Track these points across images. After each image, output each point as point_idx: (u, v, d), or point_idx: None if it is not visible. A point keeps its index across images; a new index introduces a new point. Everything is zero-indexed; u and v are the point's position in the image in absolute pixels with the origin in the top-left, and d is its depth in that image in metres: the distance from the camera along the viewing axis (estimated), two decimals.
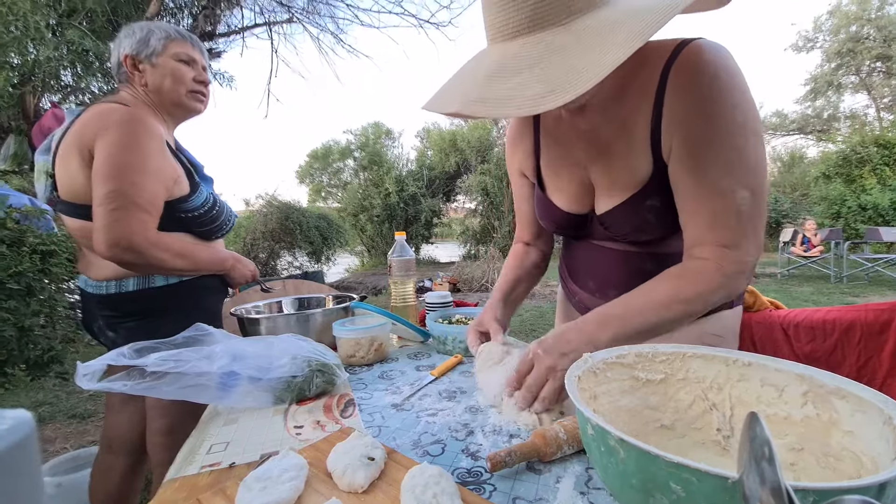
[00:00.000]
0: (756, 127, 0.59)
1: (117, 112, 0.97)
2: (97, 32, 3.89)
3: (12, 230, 1.64)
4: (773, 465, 0.22)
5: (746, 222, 0.59)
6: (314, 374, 0.73)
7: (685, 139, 0.60)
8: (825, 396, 0.41)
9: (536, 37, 0.52)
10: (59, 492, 1.44)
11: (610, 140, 0.68)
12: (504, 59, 0.52)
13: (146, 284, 1.03)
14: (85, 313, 1.11)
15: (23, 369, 1.52)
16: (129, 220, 0.92)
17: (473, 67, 0.57)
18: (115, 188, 0.91)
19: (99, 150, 0.93)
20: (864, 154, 10.32)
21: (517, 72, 0.50)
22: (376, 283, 8.02)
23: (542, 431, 0.51)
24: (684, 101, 0.60)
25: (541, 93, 0.47)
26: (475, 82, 0.53)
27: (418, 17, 5.93)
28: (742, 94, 0.58)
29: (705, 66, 0.58)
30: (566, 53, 0.49)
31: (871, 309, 0.89)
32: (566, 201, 0.78)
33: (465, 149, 12.45)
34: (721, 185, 0.59)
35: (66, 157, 0.98)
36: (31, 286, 1.56)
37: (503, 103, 0.49)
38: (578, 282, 0.86)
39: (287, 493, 0.43)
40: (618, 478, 0.35)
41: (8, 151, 3.69)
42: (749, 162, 0.58)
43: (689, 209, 0.62)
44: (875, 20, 15.20)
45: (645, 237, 0.71)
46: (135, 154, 0.94)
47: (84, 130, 0.96)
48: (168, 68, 1.05)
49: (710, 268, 0.60)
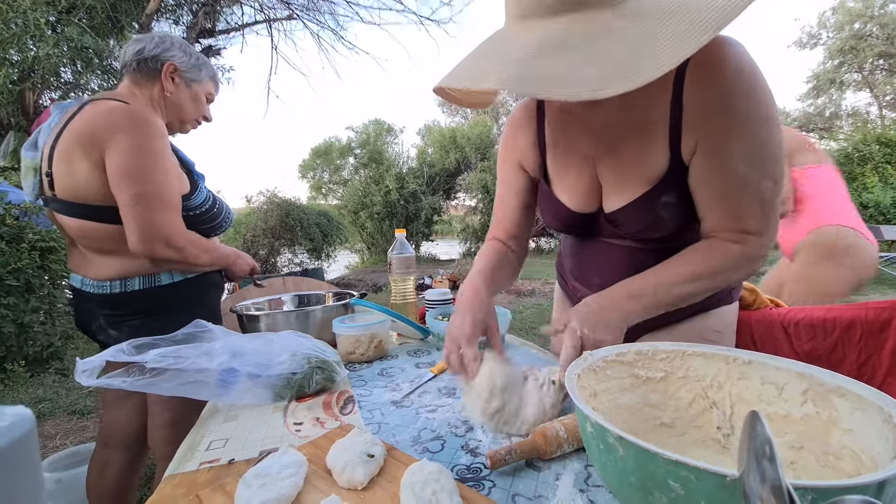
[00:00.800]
0: (776, 117, 0.59)
1: (125, 112, 0.97)
2: (96, 29, 3.88)
3: (11, 227, 1.65)
4: (774, 463, 0.22)
5: (770, 211, 0.61)
6: (314, 370, 0.73)
7: (710, 134, 0.60)
8: (825, 395, 0.41)
9: (578, 16, 0.49)
10: (58, 488, 1.45)
11: (623, 135, 0.67)
12: (546, 37, 0.49)
13: (152, 283, 1.03)
14: (81, 313, 1.09)
15: (22, 365, 1.53)
16: (165, 219, 0.96)
17: (505, 44, 0.53)
18: (142, 190, 0.94)
19: (115, 152, 0.94)
20: (866, 152, 10.29)
21: (563, 50, 0.47)
22: (376, 280, 8.02)
23: (542, 430, 0.51)
24: (707, 94, 0.59)
25: (600, 75, 0.44)
26: (514, 58, 0.49)
27: (419, 14, 5.91)
28: (763, 87, 0.58)
29: (728, 60, 0.57)
30: (620, 36, 0.46)
31: (871, 307, 0.89)
32: (575, 200, 0.75)
33: (465, 146, 12.43)
34: (748, 178, 0.59)
35: (68, 156, 0.95)
36: (31, 282, 1.56)
37: (560, 83, 0.45)
38: (581, 279, 0.84)
39: (286, 490, 0.43)
40: (617, 475, 0.35)
41: (7, 148, 3.69)
42: (772, 153, 0.59)
43: (714, 201, 0.62)
44: (878, 17, 15.13)
45: (656, 234, 0.69)
46: (152, 155, 0.97)
47: (90, 130, 0.95)
48: (198, 96, 1.16)
49: (735, 249, 0.62)
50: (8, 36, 3.19)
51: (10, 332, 1.47)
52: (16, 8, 3.18)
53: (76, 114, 0.99)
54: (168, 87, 1.09)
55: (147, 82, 1.08)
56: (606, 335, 0.57)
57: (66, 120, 0.99)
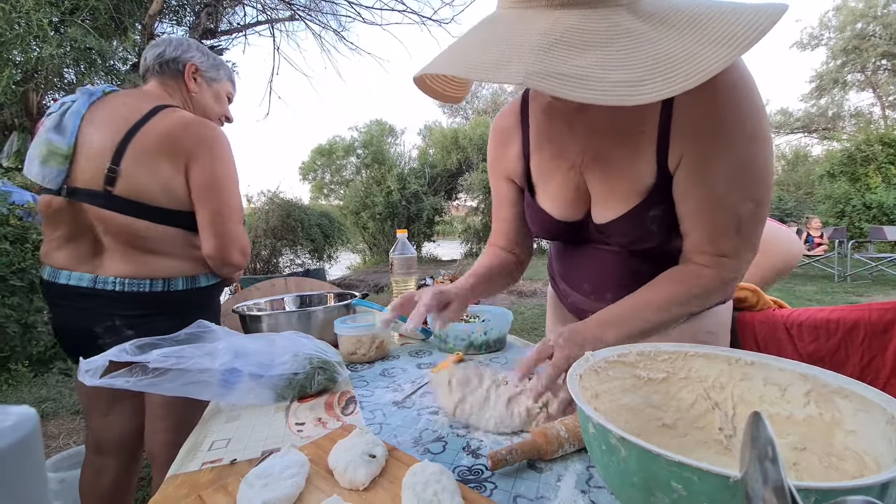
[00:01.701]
0: (766, 135, 0.58)
1: (205, 125, 1.05)
2: (100, 30, 3.90)
3: (15, 227, 1.65)
4: (777, 464, 0.22)
5: (747, 233, 0.60)
6: (316, 371, 0.73)
7: (695, 150, 0.59)
8: (828, 396, 0.41)
9: (594, 13, 0.46)
10: (62, 487, 1.45)
11: (611, 145, 0.65)
12: (561, 30, 0.45)
13: (193, 284, 1.08)
14: (87, 314, 1.02)
15: (26, 365, 1.53)
16: (239, 229, 1.08)
17: (513, 31, 0.48)
18: (226, 201, 1.04)
19: (202, 165, 1.01)
20: (869, 152, 10.26)
21: (583, 48, 0.44)
22: (378, 280, 8.03)
23: (542, 430, 0.51)
24: (696, 108, 0.57)
25: (630, 80, 0.41)
26: (530, 49, 0.44)
27: (420, 14, 5.91)
28: (754, 103, 0.56)
29: (722, 73, 0.56)
30: (642, 39, 0.44)
31: (874, 308, 0.88)
32: (559, 208, 0.73)
33: (466, 146, 12.45)
34: (727, 199, 0.58)
35: (150, 159, 0.98)
36: (34, 283, 1.57)
37: (583, 84, 0.42)
38: (572, 284, 0.83)
39: (288, 490, 0.43)
40: (619, 476, 0.35)
41: (11, 149, 3.71)
42: (757, 174, 0.58)
43: (693, 220, 0.62)
44: (881, 17, 15.08)
45: (646, 245, 0.69)
46: (231, 168, 1.07)
47: (175, 139, 0.99)
48: (219, 95, 1.22)
49: (709, 274, 0.61)
50: (11, 37, 3.20)
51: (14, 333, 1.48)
52: (19, 9, 3.19)
53: (149, 117, 0.99)
54: (192, 87, 1.14)
55: (173, 83, 1.12)
56: (577, 352, 0.56)
57: (137, 122, 0.98)
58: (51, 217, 1.02)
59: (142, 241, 1.00)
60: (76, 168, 0.98)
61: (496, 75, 0.45)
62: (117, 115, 1.00)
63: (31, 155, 0.99)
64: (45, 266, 1.04)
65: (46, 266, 1.04)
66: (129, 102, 1.03)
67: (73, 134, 0.98)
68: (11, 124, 3.94)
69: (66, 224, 1.01)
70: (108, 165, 0.96)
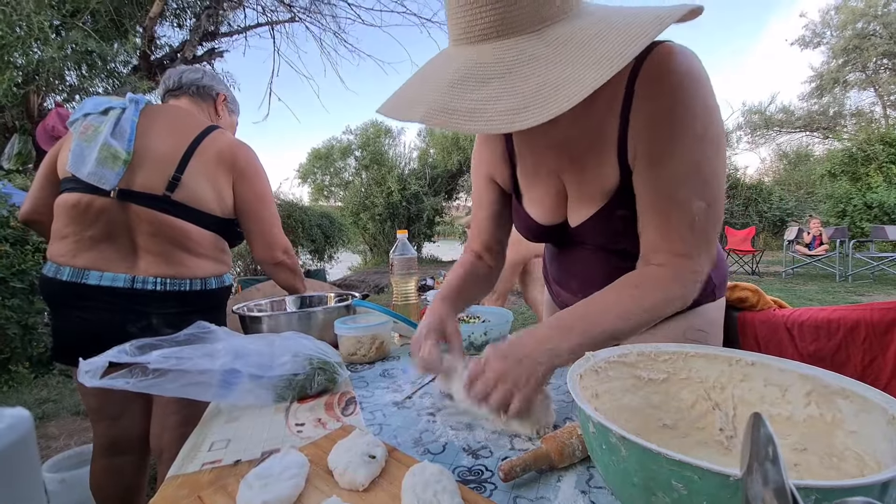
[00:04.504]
0: (716, 137, 0.58)
1: (251, 151, 1.20)
2: (100, 33, 3.91)
3: (16, 229, 1.66)
4: (777, 465, 0.21)
5: (700, 233, 0.60)
6: (316, 371, 0.73)
7: (646, 148, 0.60)
8: (829, 396, 0.41)
9: (506, 42, 0.48)
10: (62, 488, 1.45)
11: (582, 149, 0.67)
12: (471, 65, 0.49)
13: (220, 284, 1.17)
14: (120, 313, 1.02)
15: (27, 366, 1.53)
16: (281, 233, 1.23)
17: (438, 70, 0.52)
18: (270, 210, 1.20)
19: (252, 182, 1.16)
20: (870, 152, 10.25)
21: (485, 81, 0.47)
22: (378, 281, 8.03)
23: (559, 445, 0.49)
24: (648, 108, 0.59)
25: (514, 108, 0.44)
26: (439, 88, 0.49)
27: (420, 16, 5.92)
28: (704, 104, 0.56)
29: (670, 74, 0.57)
30: (539, 64, 0.46)
31: (876, 308, 0.88)
32: (542, 213, 0.75)
33: (467, 147, 12.45)
34: (678, 196, 0.58)
35: (212, 172, 1.09)
36: (35, 284, 1.57)
37: (471, 116, 0.45)
38: (561, 283, 0.86)
39: (288, 491, 0.43)
40: (619, 476, 0.35)
41: (12, 151, 3.71)
42: (706, 174, 0.58)
43: (647, 217, 0.62)
44: (882, 17, 15.07)
45: (621, 246, 0.69)
46: (270, 186, 1.23)
47: (230, 157, 1.13)
48: (234, 126, 1.39)
49: (667, 275, 0.60)
50: (12, 39, 3.21)
51: (15, 334, 1.48)
52: (20, 11, 3.20)
53: (207, 133, 1.11)
54: (221, 113, 1.31)
55: (204, 105, 1.26)
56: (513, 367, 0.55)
57: (198, 136, 1.09)
58: (81, 217, 1.02)
59: (187, 243, 1.07)
60: (135, 172, 1.03)
61: (406, 114, 0.50)
62: (177, 128, 1.10)
63: (84, 156, 1.01)
64: (64, 267, 1.02)
65: (65, 267, 1.02)
66: (181, 116, 1.14)
67: (131, 140, 1.04)
68: (12, 126, 3.95)
69: (102, 224, 1.02)
70: (172, 173, 1.04)
